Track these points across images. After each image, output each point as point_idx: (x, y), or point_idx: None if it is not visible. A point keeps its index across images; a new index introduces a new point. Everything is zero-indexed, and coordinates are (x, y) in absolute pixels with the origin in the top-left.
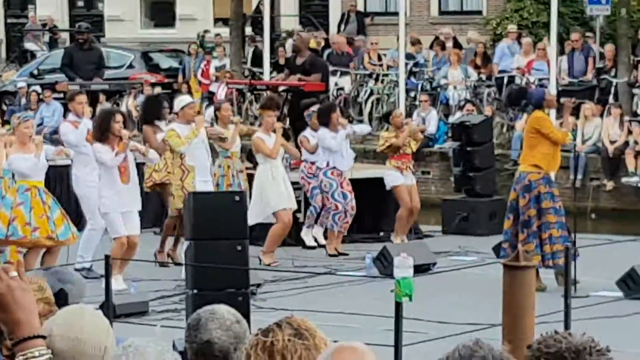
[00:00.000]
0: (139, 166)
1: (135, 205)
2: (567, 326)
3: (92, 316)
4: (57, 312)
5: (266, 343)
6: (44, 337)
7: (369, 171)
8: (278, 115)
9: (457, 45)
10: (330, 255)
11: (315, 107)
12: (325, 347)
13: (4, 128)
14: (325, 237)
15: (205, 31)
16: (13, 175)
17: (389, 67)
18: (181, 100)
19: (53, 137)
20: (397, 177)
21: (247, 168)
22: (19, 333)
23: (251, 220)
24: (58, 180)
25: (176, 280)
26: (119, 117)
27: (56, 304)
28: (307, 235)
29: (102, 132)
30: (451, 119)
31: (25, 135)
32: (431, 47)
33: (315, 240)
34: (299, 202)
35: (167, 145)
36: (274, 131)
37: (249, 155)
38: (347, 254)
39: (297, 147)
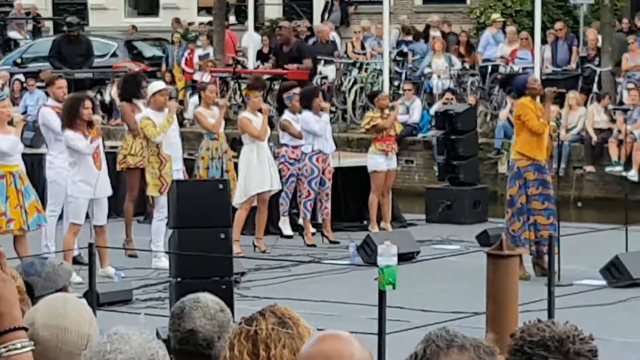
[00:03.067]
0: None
1: (106, 192)
2: (550, 315)
3: (75, 305)
4: (40, 301)
5: (250, 332)
6: (25, 329)
7: (352, 159)
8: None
9: (444, 34)
10: (308, 246)
11: (295, 90)
12: (309, 335)
13: None
14: (294, 228)
15: (190, 24)
16: None
17: (371, 55)
18: (153, 87)
19: (36, 125)
20: (379, 162)
21: (232, 157)
22: (1, 325)
23: (234, 200)
24: (36, 168)
25: (159, 269)
26: (87, 103)
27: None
28: (284, 224)
29: (70, 118)
30: (434, 108)
31: (3, 115)
32: (421, 37)
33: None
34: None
35: (141, 131)
36: (260, 111)
37: (232, 143)
38: (338, 242)
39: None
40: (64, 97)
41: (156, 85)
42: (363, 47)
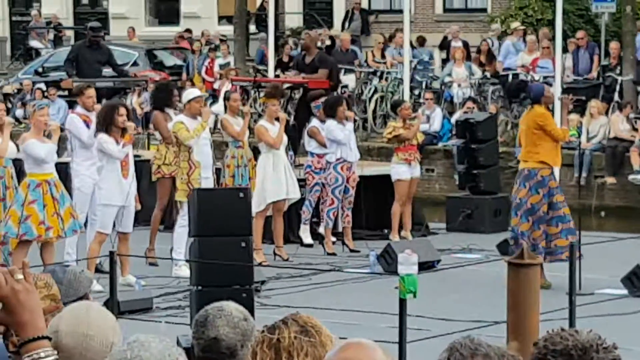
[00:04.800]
0: (143, 163)
1: (131, 201)
2: (572, 324)
3: (99, 312)
4: (64, 309)
5: (272, 340)
6: (49, 338)
7: (374, 168)
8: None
9: (464, 44)
10: (329, 254)
11: (322, 99)
12: (331, 344)
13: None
14: (314, 237)
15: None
16: (17, 168)
17: (391, 65)
18: (189, 93)
19: (61, 135)
20: (403, 171)
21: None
22: (24, 334)
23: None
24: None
25: (179, 277)
26: (122, 110)
27: None
28: (304, 233)
29: (105, 125)
30: (455, 117)
31: (40, 123)
32: (441, 47)
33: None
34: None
35: (175, 138)
36: (277, 119)
37: (253, 151)
38: (358, 251)
39: (297, 140)
40: (93, 106)
41: (192, 92)
42: (383, 56)
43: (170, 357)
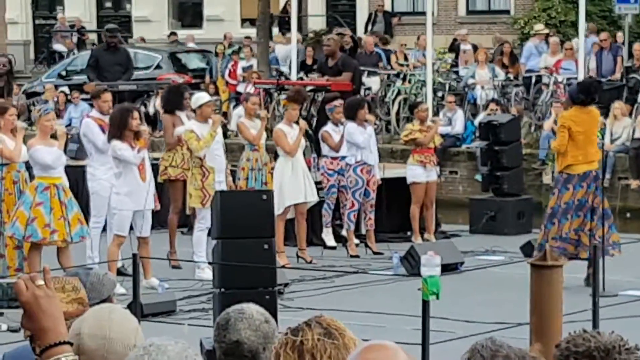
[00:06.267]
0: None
1: (150, 204)
2: (595, 325)
3: (122, 315)
4: (87, 311)
5: (295, 342)
6: (70, 344)
7: (395, 170)
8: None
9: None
10: (352, 257)
11: (337, 102)
12: (354, 346)
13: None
14: (338, 239)
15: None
16: (29, 170)
17: (414, 67)
18: (198, 98)
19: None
20: (418, 173)
21: (272, 169)
22: (46, 340)
23: None
24: (80, 180)
25: (202, 280)
26: (135, 114)
27: None
28: (327, 235)
29: (119, 129)
30: (478, 119)
31: (47, 128)
32: (450, 49)
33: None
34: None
35: (185, 144)
36: (297, 122)
37: (275, 155)
38: (381, 254)
39: (318, 143)
40: (109, 110)
41: (202, 96)
42: (406, 58)
43: (187, 358)
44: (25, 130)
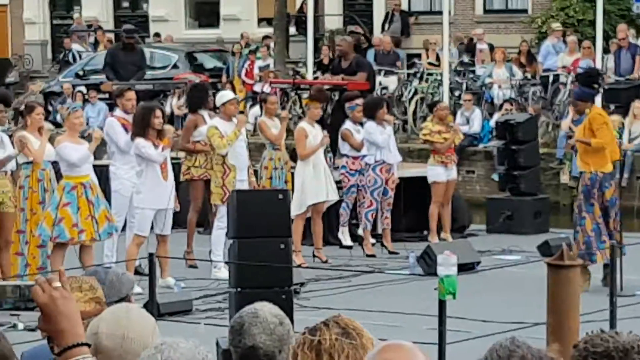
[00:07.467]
0: (181, 165)
1: (171, 203)
2: (612, 325)
3: (139, 314)
4: (105, 310)
5: (313, 342)
6: (88, 345)
7: (413, 170)
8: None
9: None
10: (368, 256)
11: (358, 100)
12: (372, 346)
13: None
14: (354, 238)
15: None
16: (56, 171)
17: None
18: (222, 96)
19: None
20: (439, 173)
21: (291, 168)
22: (63, 342)
23: (291, 212)
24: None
25: (219, 279)
26: (158, 112)
27: None
28: (343, 235)
29: (142, 127)
30: (494, 118)
31: (75, 125)
32: (467, 49)
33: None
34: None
35: (208, 140)
36: (318, 122)
37: (292, 154)
38: (397, 253)
39: (334, 142)
40: (132, 108)
41: (226, 94)
42: (438, 58)
43: (200, 354)
44: (51, 132)
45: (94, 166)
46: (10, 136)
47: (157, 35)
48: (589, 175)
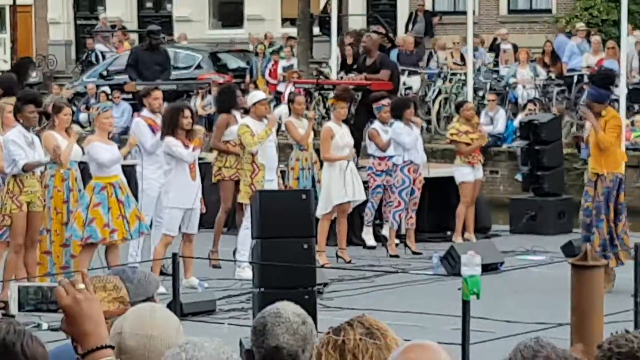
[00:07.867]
0: (207, 165)
1: (198, 203)
2: (636, 326)
3: (163, 314)
4: (129, 310)
5: (337, 342)
6: (112, 347)
7: (437, 170)
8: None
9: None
10: (391, 256)
11: (384, 101)
12: (396, 346)
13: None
14: (377, 239)
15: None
16: (82, 170)
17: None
18: (253, 96)
19: (122, 138)
20: (467, 172)
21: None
22: (87, 344)
23: (318, 212)
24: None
25: (242, 279)
26: (187, 112)
27: None
28: (367, 235)
29: (171, 127)
30: (518, 118)
31: (105, 125)
32: (490, 49)
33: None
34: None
35: (238, 139)
36: (344, 121)
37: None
38: (421, 253)
39: (357, 141)
40: (159, 108)
41: (256, 94)
42: (463, 58)
43: (224, 353)
44: (79, 134)
45: (125, 166)
46: (38, 136)
47: (169, 34)
48: (611, 177)
